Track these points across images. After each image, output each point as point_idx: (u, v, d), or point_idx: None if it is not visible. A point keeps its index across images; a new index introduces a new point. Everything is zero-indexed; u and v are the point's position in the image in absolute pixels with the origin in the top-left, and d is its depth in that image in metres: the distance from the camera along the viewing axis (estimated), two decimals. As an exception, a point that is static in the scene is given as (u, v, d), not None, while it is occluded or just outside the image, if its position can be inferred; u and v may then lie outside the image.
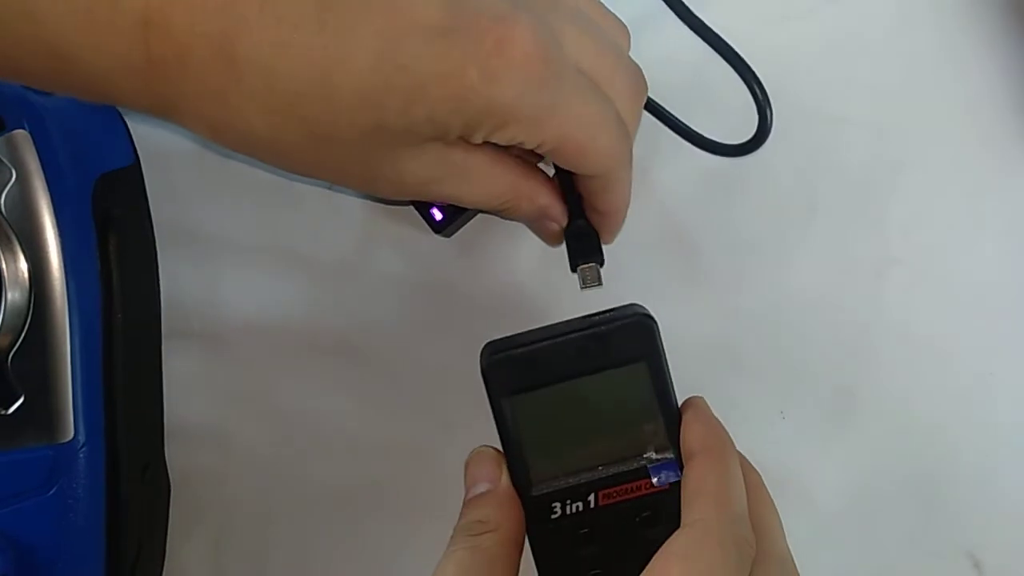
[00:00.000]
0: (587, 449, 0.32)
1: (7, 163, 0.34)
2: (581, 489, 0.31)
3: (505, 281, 0.40)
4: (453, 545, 0.30)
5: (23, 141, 0.34)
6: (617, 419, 0.32)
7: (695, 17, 0.39)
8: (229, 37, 0.25)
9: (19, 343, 0.34)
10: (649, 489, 0.31)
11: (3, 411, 0.34)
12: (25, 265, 0.34)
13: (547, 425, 0.31)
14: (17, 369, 0.34)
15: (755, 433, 0.34)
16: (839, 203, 0.39)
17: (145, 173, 0.40)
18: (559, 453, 0.32)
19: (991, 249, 0.39)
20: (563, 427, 0.32)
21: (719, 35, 0.39)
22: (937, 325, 0.39)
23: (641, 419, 0.31)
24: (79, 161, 0.36)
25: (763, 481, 0.32)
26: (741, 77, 0.39)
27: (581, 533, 0.32)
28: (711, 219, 0.39)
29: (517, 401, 0.31)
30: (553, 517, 0.31)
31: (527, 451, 0.31)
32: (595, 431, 0.32)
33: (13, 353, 0.34)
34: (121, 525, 0.36)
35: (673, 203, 0.39)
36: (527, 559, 0.31)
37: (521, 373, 0.31)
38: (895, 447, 0.39)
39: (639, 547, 0.28)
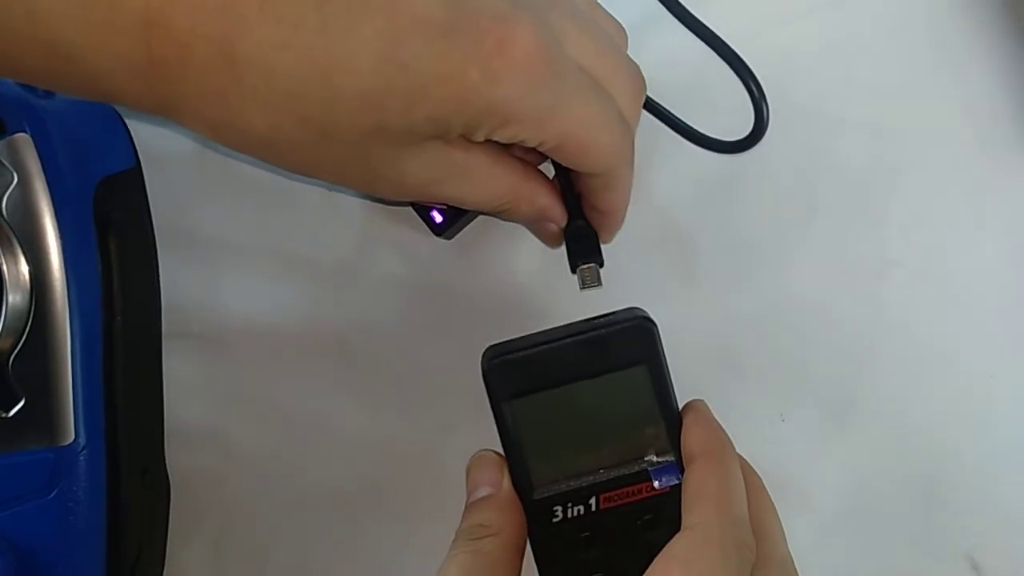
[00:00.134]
0: (588, 452, 0.32)
1: (8, 166, 0.34)
2: (582, 492, 0.31)
3: (505, 283, 0.40)
4: (455, 549, 0.30)
5: (24, 144, 0.34)
6: (618, 422, 0.32)
7: (692, 17, 0.39)
8: (230, 38, 0.25)
9: (20, 346, 0.34)
10: (650, 492, 0.31)
11: (4, 414, 0.34)
12: (26, 268, 0.34)
13: (548, 429, 0.31)
14: (18, 372, 0.34)
15: (755, 434, 0.34)
16: (839, 204, 0.39)
17: (145, 175, 0.40)
18: (560, 457, 0.32)
19: (991, 249, 0.39)
20: (564, 431, 0.32)
21: (715, 33, 0.39)
22: (937, 326, 0.39)
23: (642, 422, 0.32)
24: (80, 164, 0.36)
25: (764, 484, 0.32)
26: (736, 73, 0.39)
27: (582, 536, 0.32)
28: (710, 220, 0.39)
29: (518, 405, 0.31)
30: (555, 520, 0.31)
31: (528, 455, 0.31)
32: (596, 434, 0.32)
33: (14, 356, 0.34)
34: (121, 528, 0.36)
35: (672, 204, 0.39)
36: (529, 562, 0.31)
37: (522, 377, 0.31)
38: (895, 448, 0.39)
39: (640, 550, 0.28)
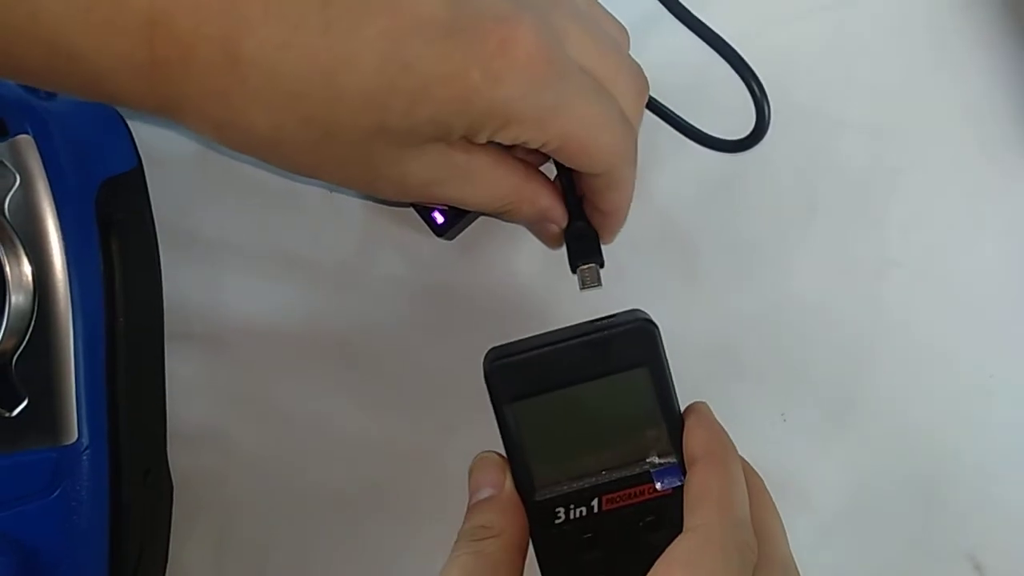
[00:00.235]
0: (590, 454, 0.32)
1: (11, 167, 0.34)
2: (585, 494, 0.31)
3: (506, 284, 0.40)
4: (457, 550, 0.30)
5: (27, 146, 0.34)
6: (620, 424, 0.32)
7: (693, 17, 0.39)
8: (233, 38, 0.25)
9: (23, 346, 0.34)
10: (652, 494, 0.31)
11: (7, 414, 0.34)
12: (29, 269, 0.34)
13: (550, 430, 0.31)
14: (21, 372, 0.34)
15: (756, 434, 0.34)
16: (839, 204, 0.39)
17: (147, 176, 0.40)
18: (562, 458, 0.31)
19: (991, 250, 0.39)
20: (566, 432, 0.32)
21: (716, 33, 0.39)
22: (937, 326, 0.39)
23: (644, 424, 0.31)
24: (82, 165, 0.36)
25: (765, 486, 0.32)
26: (738, 73, 0.39)
27: (585, 538, 0.32)
28: (711, 220, 0.39)
29: (520, 407, 0.31)
30: (557, 522, 0.31)
31: (530, 456, 0.31)
32: (598, 436, 0.32)
33: (17, 356, 0.34)
34: (124, 528, 0.36)
35: (673, 204, 0.39)
36: (531, 564, 0.31)
37: (524, 379, 0.31)
38: (895, 448, 0.39)
39: (642, 552, 0.28)
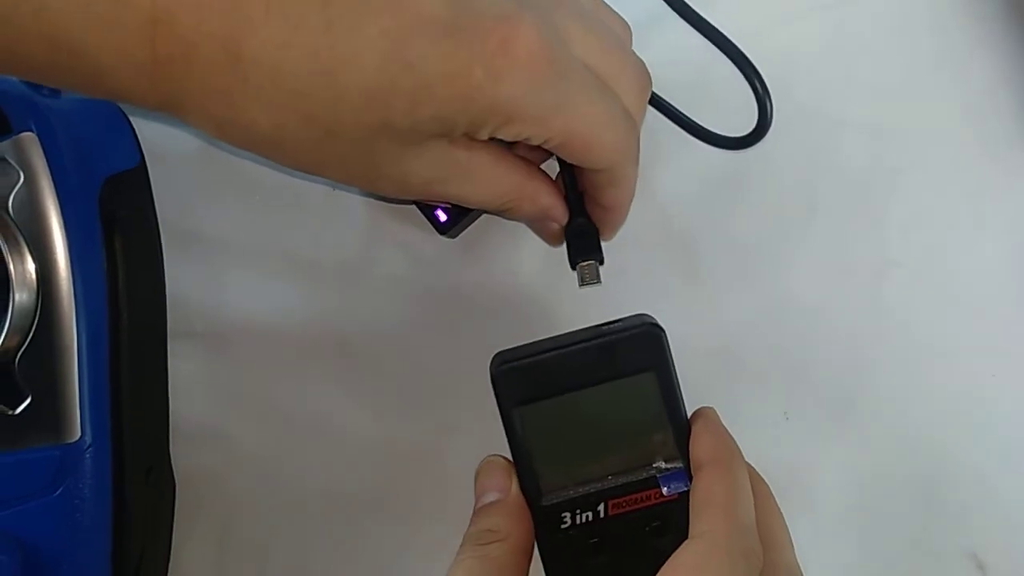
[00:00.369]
0: (597, 459, 0.31)
1: (14, 165, 0.34)
2: (591, 499, 0.31)
3: (508, 281, 0.40)
4: (462, 553, 0.30)
5: (30, 143, 0.34)
6: (627, 429, 0.32)
7: (697, 15, 0.39)
8: (235, 37, 0.25)
9: (27, 344, 0.34)
10: (659, 499, 0.31)
11: (10, 411, 0.34)
12: (33, 266, 0.34)
13: (557, 435, 0.31)
14: (24, 370, 0.34)
15: (758, 433, 0.34)
16: (839, 203, 0.39)
17: (150, 173, 0.40)
18: (569, 463, 0.31)
19: (991, 249, 0.39)
20: (573, 437, 0.32)
21: (719, 30, 0.39)
22: (937, 326, 0.39)
23: (650, 429, 0.31)
24: (85, 163, 0.36)
25: (771, 492, 0.32)
26: (740, 71, 0.39)
27: (591, 543, 0.31)
28: (713, 218, 0.39)
29: (527, 411, 0.31)
30: (563, 527, 0.31)
31: (537, 461, 0.31)
32: (605, 441, 0.32)
33: (21, 353, 0.34)
34: (126, 526, 0.37)
35: (674, 203, 0.39)
36: (536, 568, 0.31)
37: (531, 383, 0.31)
38: (898, 447, 0.39)
39: (648, 557, 0.28)
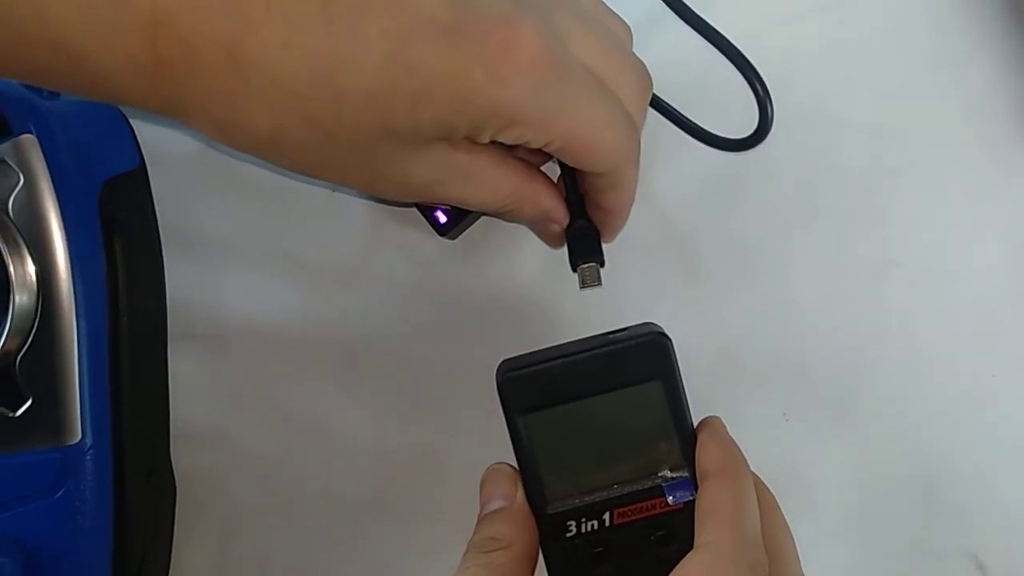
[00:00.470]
0: (603, 467, 0.31)
1: (14, 167, 0.34)
2: (596, 507, 0.31)
3: (508, 283, 0.40)
4: (466, 561, 0.30)
5: (30, 145, 0.34)
6: (632, 438, 0.31)
7: (697, 16, 0.39)
8: (235, 39, 0.25)
9: (27, 346, 0.34)
10: (664, 508, 0.31)
11: (11, 413, 0.34)
12: (33, 268, 0.34)
13: (563, 443, 0.31)
14: (25, 372, 0.34)
15: (758, 434, 0.34)
16: (839, 204, 0.39)
17: (150, 175, 0.40)
18: (575, 471, 0.31)
19: (991, 250, 0.39)
20: (579, 445, 0.31)
21: (719, 32, 0.39)
22: (937, 326, 0.39)
23: (656, 438, 0.31)
24: (85, 165, 0.36)
25: (777, 503, 0.32)
26: (741, 73, 0.39)
27: (596, 552, 0.31)
28: (713, 219, 0.39)
29: (533, 419, 0.31)
30: (568, 535, 0.31)
31: (542, 469, 0.31)
32: (610, 449, 0.31)
33: (21, 356, 0.34)
34: (127, 528, 0.36)
35: (675, 203, 0.39)
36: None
37: (537, 391, 0.31)
38: (898, 447, 0.39)
39: (653, 566, 0.28)
